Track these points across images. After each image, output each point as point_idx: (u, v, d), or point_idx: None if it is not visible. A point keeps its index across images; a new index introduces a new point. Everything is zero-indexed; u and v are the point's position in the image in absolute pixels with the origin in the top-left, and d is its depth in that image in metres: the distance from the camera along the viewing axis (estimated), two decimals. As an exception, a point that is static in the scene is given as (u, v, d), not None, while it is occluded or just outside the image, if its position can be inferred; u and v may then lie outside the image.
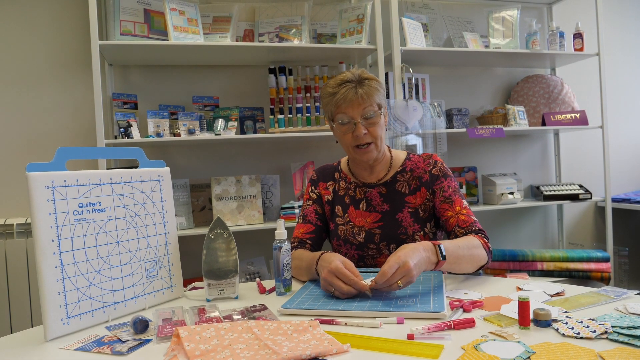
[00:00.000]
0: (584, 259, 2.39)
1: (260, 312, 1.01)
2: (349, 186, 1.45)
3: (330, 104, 1.33)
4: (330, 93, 1.33)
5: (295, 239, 1.44)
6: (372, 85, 1.31)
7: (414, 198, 1.38)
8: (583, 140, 2.98)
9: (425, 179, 1.39)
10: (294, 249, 1.42)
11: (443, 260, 1.11)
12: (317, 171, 1.53)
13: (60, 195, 0.95)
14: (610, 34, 3.00)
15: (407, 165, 1.42)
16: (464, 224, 1.31)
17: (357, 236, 1.38)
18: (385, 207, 1.39)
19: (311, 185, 1.51)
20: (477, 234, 1.28)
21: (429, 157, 1.43)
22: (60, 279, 0.93)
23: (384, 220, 1.37)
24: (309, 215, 1.46)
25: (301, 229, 1.45)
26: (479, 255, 1.22)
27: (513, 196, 2.52)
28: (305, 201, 1.51)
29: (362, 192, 1.42)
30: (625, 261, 2.92)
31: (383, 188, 1.41)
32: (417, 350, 0.78)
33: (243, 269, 2.34)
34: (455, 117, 2.54)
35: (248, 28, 2.38)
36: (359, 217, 1.40)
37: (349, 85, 1.29)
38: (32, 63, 2.22)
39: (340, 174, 1.48)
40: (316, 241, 1.44)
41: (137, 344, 0.86)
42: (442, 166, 1.40)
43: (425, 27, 2.53)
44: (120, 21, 2.08)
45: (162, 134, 2.09)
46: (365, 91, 1.29)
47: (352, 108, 1.30)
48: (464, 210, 1.33)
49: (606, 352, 0.74)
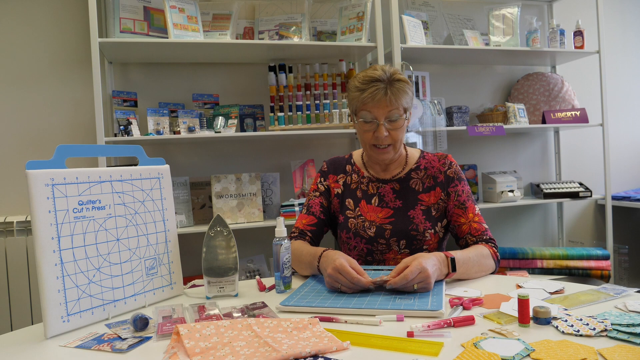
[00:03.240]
0: (583, 256, 2.39)
1: (260, 310, 1.01)
2: (362, 180, 1.44)
3: (357, 99, 1.31)
4: (358, 88, 1.31)
5: (296, 229, 1.44)
6: (402, 88, 1.30)
7: (427, 196, 1.39)
8: (583, 138, 2.98)
9: (441, 179, 1.39)
10: (293, 238, 1.41)
11: (453, 272, 1.14)
12: (327, 163, 1.52)
13: (60, 192, 0.95)
14: (611, 31, 3.00)
15: (421, 163, 1.43)
16: (476, 232, 1.34)
17: (368, 230, 1.38)
18: (398, 204, 1.39)
19: (321, 176, 1.50)
20: (487, 243, 1.31)
21: (444, 157, 1.43)
22: (60, 277, 0.93)
23: (396, 216, 1.37)
24: (313, 207, 1.46)
25: (303, 220, 1.44)
26: (487, 265, 1.25)
27: (513, 194, 2.52)
28: (311, 192, 1.50)
29: (374, 187, 1.42)
30: (625, 259, 2.92)
31: (397, 184, 1.41)
32: (416, 348, 0.78)
33: (243, 266, 2.35)
34: (455, 114, 2.53)
35: (248, 26, 2.37)
36: (370, 212, 1.40)
37: (379, 85, 1.28)
38: (32, 61, 2.21)
39: (353, 167, 1.48)
40: (316, 234, 1.44)
41: (137, 342, 0.86)
42: (456, 168, 1.41)
43: (425, 24, 2.53)
44: (120, 19, 2.08)
45: (162, 131, 2.09)
46: (394, 93, 1.28)
47: (378, 109, 1.29)
48: (476, 218, 1.35)
49: (606, 350, 0.74)
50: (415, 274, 1.04)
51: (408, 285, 1.04)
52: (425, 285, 1.05)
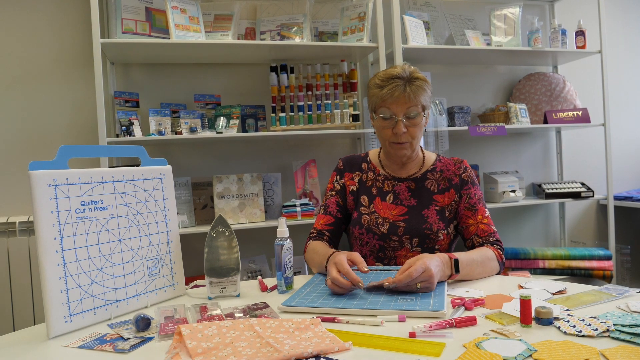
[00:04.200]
0: (585, 257, 2.38)
1: (262, 310, 1.01)
2: (377, 178, 1.46)
3: (376, 96, 1.33)
4: (378, 85, 1.33)
5: (315, 229, 1.46)
6: (421, 85, 1.32)
7: (442, 197, 1.40)
8: (585, 138, 2.98)
9: (455, 182, 1.41)
10: (311, 239, 1.44)
11: (456, 274, 1.15)
12: (343, 160, 1.53)
13: (62, 193, 0.95)
14: (613, 31, 2.99)
15: (437, 165, 1.45)
16: (482, 234, 1.35)
17: (381, 227, 1.38)
18: (413, 202, 1.40)
19: (337, 174, 1.51)
20: (493, 245, 1.32)
21: (459, 161, 1.45)
22: (63, 277, 0.93)
23: (410, 214, 1.38)
24: (330, 207, 1.47)
25: (321, 220, 1.46)
26: (491, 267, 1.25)
27: (515, 194, 2.52)
28: (328, 191, 1.51)
29: (390, 185, 1.44)
30: (627, 259, 2.92)
31: (412, 183, 1.42)
32: (418, 348, 0.78)
33: (245, 267, 2.35)
34: (456, 115, 2.53)
35: (249, 26, 2.37)
36: (384, 209, 1.41)
37: (399, 82, 1.30)
38: (34, 61, 2.22)
39: (369, 165, 1.49)
40: (335, 233, 1.46)
41: (139, 342, 0.87)
42: (471, 173, 1.43)
43: (426, 24, 2.53)
44: (122, 19, 2.08)
45: (163, 132, 2.10)
46: (413, 90, 1.30)
47: (397, 105, 1.31)
48: (485, 220, 1.37)
49: (608, 350, 0.74)
50: (419, 272, 1.04)
51: (411, 284, 1.05)
52: (428, 285, 1.05)
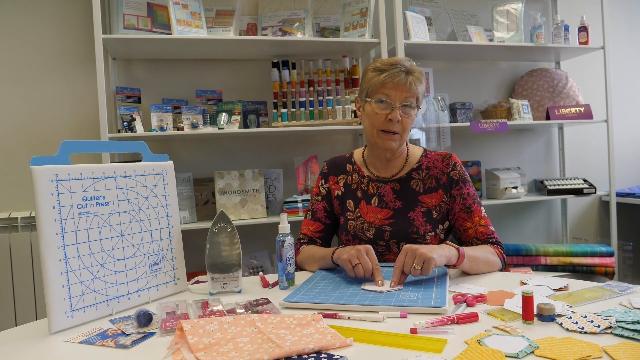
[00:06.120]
0: (588, 253, 2.38)
1: (264, 306, 1.01)
2: (362, 180, 1.43)
3: (375, 79, 1.30)
4: (378, 69, 1.31)
5: (305, 236, 1.44)
6: (419, 78, 1.32)
7: (428, 198, 1.36)
8: (587, 134, 2.97)
9: (443, 181, 1.37)
10: (303, 244, 1.42)
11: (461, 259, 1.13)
12: (328, 163, 1.51)
13: (64, 188, 0.95)
14: (616, 27, 2.97)
15: (424, 162, 1.40)
16: (482, 236, 1.33)
17: (367, 232, 1.37)
18: (398, 204, 1.37)
19: (322, 178, 1.49)
20: (493, 245, 1.31)
21: (447, 157, 1.39)
22: (64, 272, 0.93)
23: (395, 217, 1.36)
24: (318, 213, 1.46)
25: (310, 227, 1.45)
26: (494, 260, 1.25)
27: (517, 190, 2.51)
28: (314, 195, 1.49)
29: (374, 187, 1.41)
30: (629, 256, 2.91)
31: (397, 184, 1.39)
32: (420, 345, 0.78)
33: (246, 262, 2.35)
34: (458, 111, 2.52)
35: (251, 22, 2.37)
36: (370, 213, 1.38)
37: (400, 68, 1.29)
38: (36, 57, 2.22)
39: (354, 167, 1.46)
40: (326, 239, 1.46)
41: (141, 337, 0.87)
42: (461, 169, 1.38)
43: (429, 20, 2.52)
44: (123, 15, 2.07)
45: (165, 128, 2.09)
46: (413, 80, 1.30)
47: (397, 91, 1.29)
48: (482, 221, 1.33)
49: (610, 347, 0.73)
50: (401, 260, 1.06)
51: (407, 268, 1.05)
52: (425, 260, 1.04)
